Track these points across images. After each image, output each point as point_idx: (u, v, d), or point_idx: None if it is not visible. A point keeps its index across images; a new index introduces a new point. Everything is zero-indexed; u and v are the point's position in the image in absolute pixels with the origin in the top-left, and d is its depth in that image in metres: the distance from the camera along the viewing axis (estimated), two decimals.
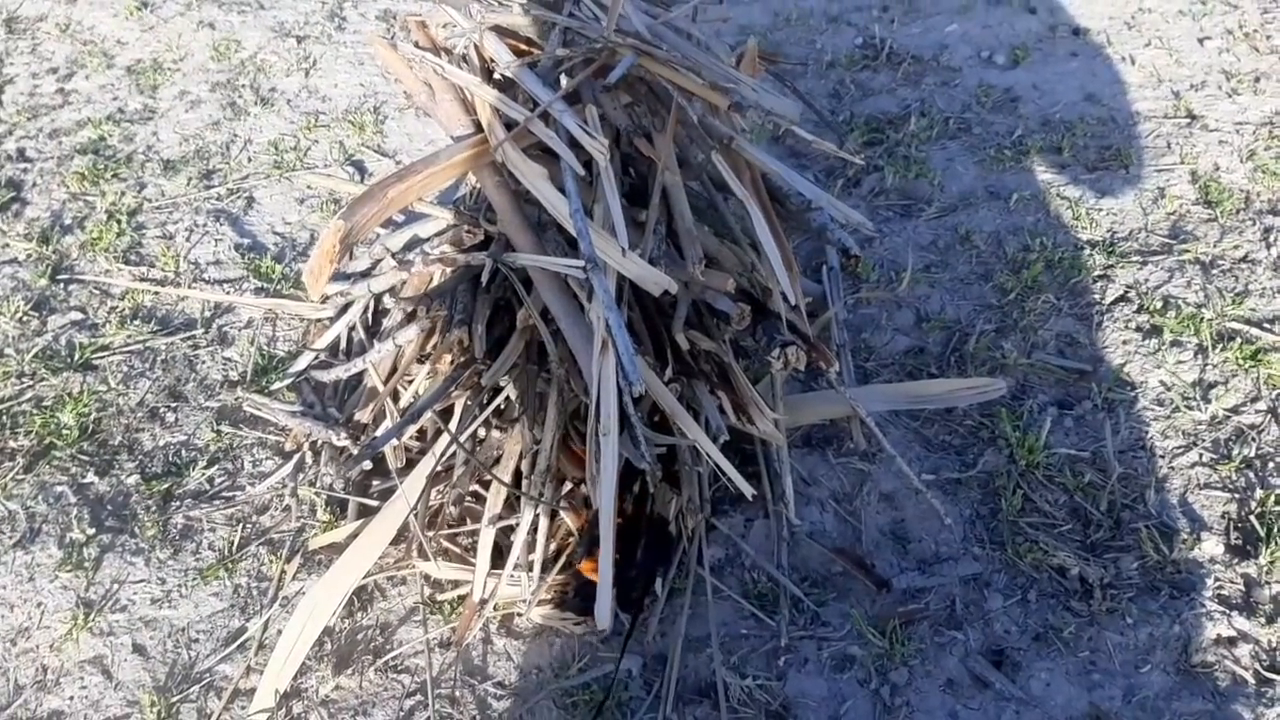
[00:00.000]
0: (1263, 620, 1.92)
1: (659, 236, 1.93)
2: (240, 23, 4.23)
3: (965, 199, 3.04)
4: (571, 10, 2.13)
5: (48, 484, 2.34)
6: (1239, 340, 2.46)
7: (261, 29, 4.18)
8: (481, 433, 2.12)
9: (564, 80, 1.94)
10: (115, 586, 2.15)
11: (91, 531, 2.24)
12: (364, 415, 2.19)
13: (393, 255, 2.40)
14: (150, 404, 2.55)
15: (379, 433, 2.10)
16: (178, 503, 2.31)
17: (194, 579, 2.15)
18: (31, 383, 2.61)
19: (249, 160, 3.44)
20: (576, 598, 1.99)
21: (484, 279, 2.02)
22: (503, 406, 2.09)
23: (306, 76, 3.88)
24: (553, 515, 2.03)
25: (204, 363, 2.67)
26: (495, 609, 2.03)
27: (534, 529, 1.97)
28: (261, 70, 3.92)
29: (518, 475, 2.02)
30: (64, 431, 2.45)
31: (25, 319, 2.80)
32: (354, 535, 2.09)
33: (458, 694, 1.92)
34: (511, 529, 2.02)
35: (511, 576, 1.99)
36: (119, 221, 3.15)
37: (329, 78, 3.87)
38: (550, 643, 1.99)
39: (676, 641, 1.95)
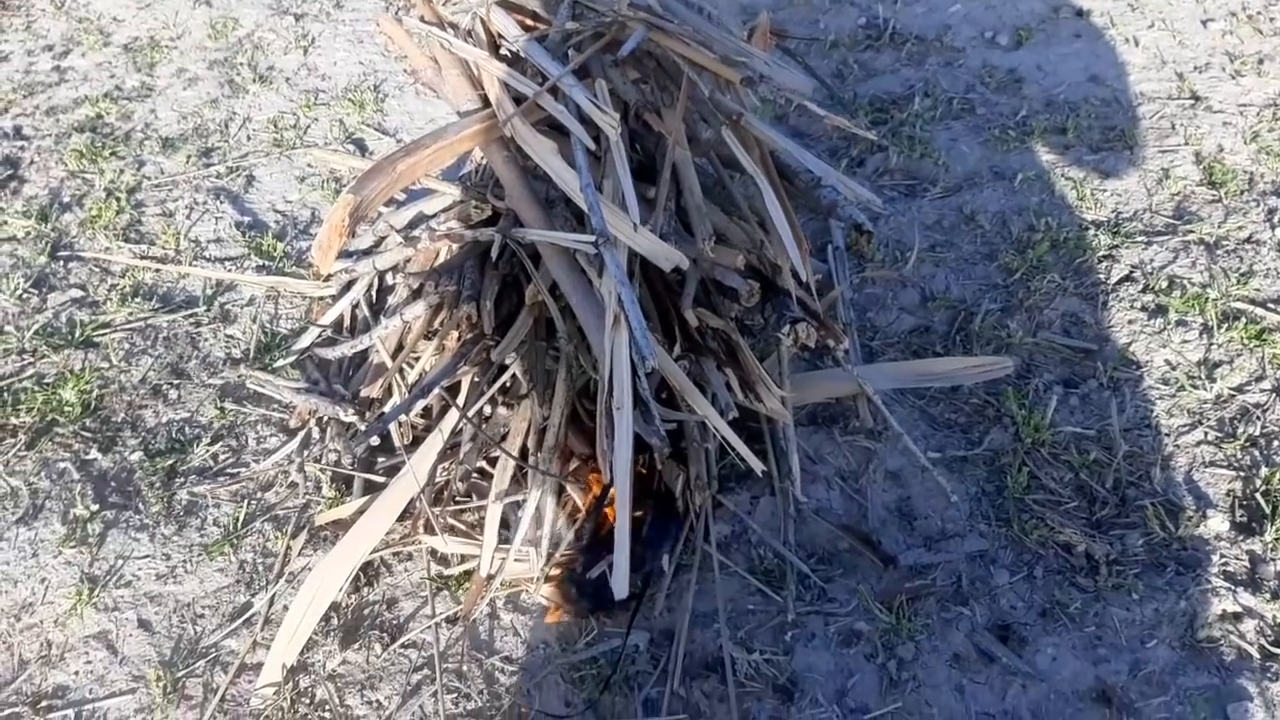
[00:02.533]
0: (1268, 596, 1.93)
1: (669, 212, 1.92)
2: (237, 0, 4.20)
3: (970, 179, 3.03)
4: None
5: (50, 460, 2.33)
6: (1244, 320, 2.47)
7: (259, 6, 4.15)
8: (488, 410, 2.11)
9: (573, 54, 1.93)
10: (119, 562, 2.14)
11: (95, 508, 2.24)
12: (371, 390, 2.18)
13: (398, 232, 2.38)
14: (152, 381, 2.54)
15: (388, 408, 2.10)
16: (182, 479, 2.30)
17: (199, 555, 2.15)
18: (32, 360, 2.59)
19: (248, 138, 3.42)
20: (584, 572, 1.99)
21: (493, 254, 2.01)
22: (509, 384, 2.08)
23: (305, 54, 3.85)
24: (560, 491, 2.03)
25: (206, 340, 2.65)
26: (502, 585, 2.03)
27: (541, 505, 1.97)
28: (259, 48, 3.89)
29: (524, 452, 2.02)
30: (66, 408, 2.44)
31: (25, 296, 2.78)
32: (360, 511, 2.08)
33: (465, 668, 1.92)
34: (518, 505, 2.02)
35: (519, 552, 1.99)
36: (118, 199, 3.13)
37: (328, 55, 3.84)
38: (558, 617, 1.99)
39: (684, 616, 1.95)
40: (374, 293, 2.53)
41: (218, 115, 3.54)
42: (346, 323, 2.53)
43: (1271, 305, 2.50)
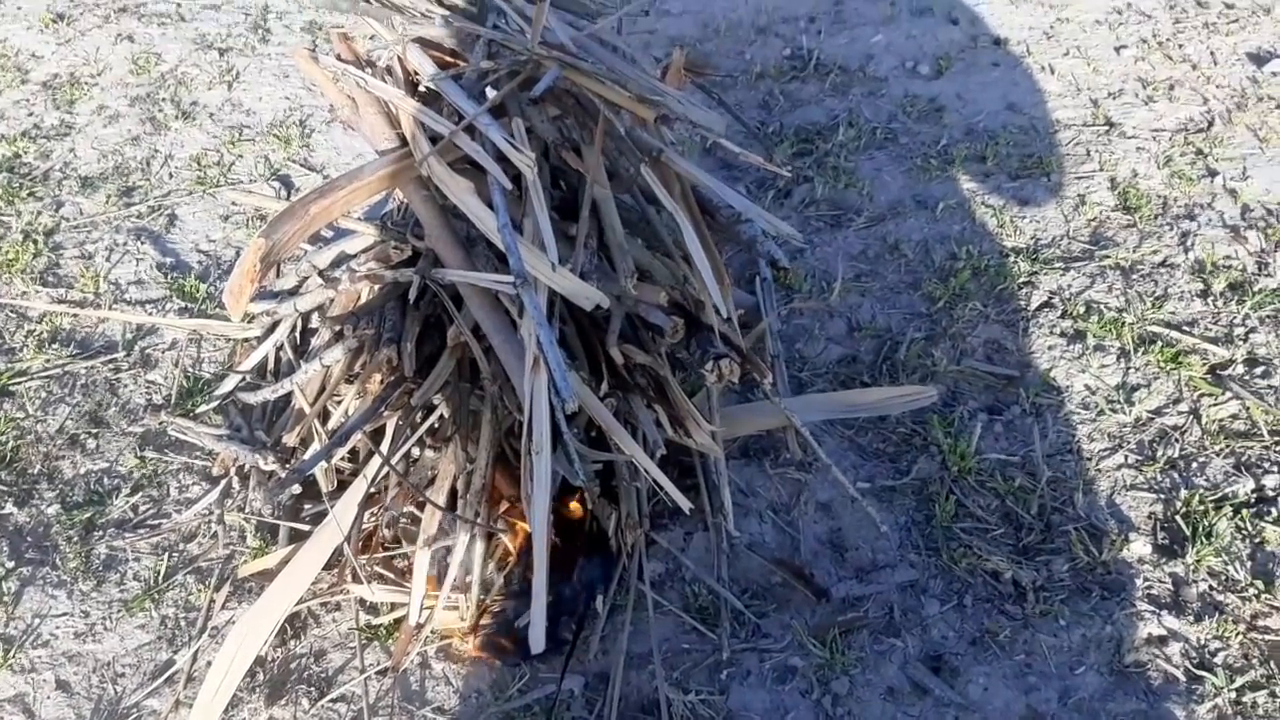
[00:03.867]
0: (1191, 618, 1.96)
1: (590, 250, 1.91)
2: (160, 35, 4.14)
3: (894, 208, 3.07)
4: (495, 22, 2.11)
5: None
6: (1160, 343, 2.52)
7: (182, 41, 4.09)
8: (415, 453, 2.08)
9: (489, 93, 1.92)
10: (36, 621, 2.07)
11: (10, 564, 2.16)
12: (292, 438, 2.14)
13: (320, 273, 2.35)
14: (70, 430, 2.47)
15: (307, 456, 2.06)
16: (100, 532, 2.24)
17: (119, 611, 2.08)
18: None
19: (170, 176, 3.36)
20: (515, 618, 1.96)
21: (413, 296, 1.99)
22: (436, 426, 2.05)
23: (229, 90, 3.80)
24: (490, 535, 2.00)
25: (126, 387, 2.59)
26: (433, 632, 2.00)
27: (470, 551, 1.94)
28: (183, 84, 3.83)
29: (453, 495, 1.99)
30: None
31: None
32: (285, 561, 2.04)
33: None
34: (449, 550, 1.98)
35: (449, 599, 1.96)
36: (35, 242, 3.05)
37: (253, 91, 3.79)
38: (490, 665, 1.96)
39: (618, 659, 1.94)
40: (298, 334, 2.48)
41: (139, 153, 3.47)
42: (271, 365, 2.48)
43: (1186, 328, 2.57)
